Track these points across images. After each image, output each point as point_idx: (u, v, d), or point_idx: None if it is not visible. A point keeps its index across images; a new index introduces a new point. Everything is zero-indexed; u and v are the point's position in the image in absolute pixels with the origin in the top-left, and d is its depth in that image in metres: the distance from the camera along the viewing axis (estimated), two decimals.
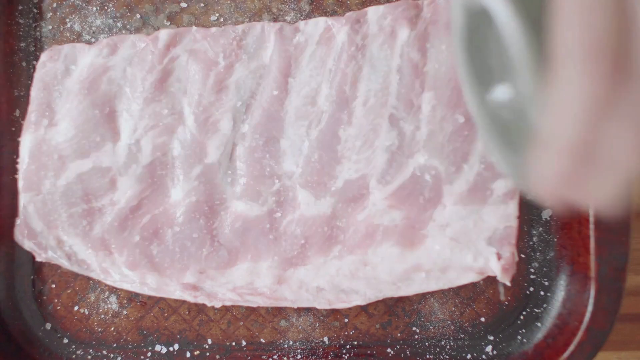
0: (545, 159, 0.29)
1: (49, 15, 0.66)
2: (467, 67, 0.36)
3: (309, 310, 0.64)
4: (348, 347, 0.63)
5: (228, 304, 0.61)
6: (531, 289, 0.62)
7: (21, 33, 0.66)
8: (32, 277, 0.65)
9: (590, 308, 0.55)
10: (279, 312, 0.64)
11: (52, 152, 0.61)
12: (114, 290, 0.65)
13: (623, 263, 0.54)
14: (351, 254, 0.59)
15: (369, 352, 0.63)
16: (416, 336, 0.63)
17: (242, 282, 0.60)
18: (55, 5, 0.66)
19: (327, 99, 0.59)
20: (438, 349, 0.62)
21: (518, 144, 0.33)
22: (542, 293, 0.62)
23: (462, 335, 0.63)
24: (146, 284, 0.61)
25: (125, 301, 0.65)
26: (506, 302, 0.63)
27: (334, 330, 0.63)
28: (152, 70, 0.61)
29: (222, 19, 0.65)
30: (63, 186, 0.61)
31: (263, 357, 0.63)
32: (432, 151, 0.57)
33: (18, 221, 0.62)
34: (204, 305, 0.64)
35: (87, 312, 0.65)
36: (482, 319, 0.63)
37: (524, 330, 0.62)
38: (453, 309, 0.63)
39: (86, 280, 0.65)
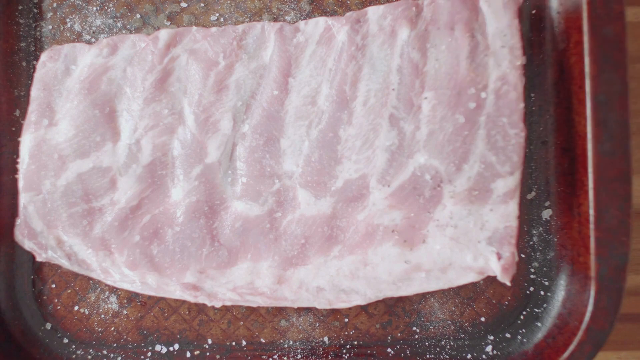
0: None
1: (49, 15, 0.66)
2: None
3: (309, 310, 0.64)
4: (348, 346, 0.63)
5: (228, 304, 0.61)
6: (531, 289, 0.62)
7: (21, 33, 0.66)
8: (32, 277, 0.65)
9: (590, 308, 0.55)
10: (279, 312, 0.64)
11: (52, 152, 0.61)
12: (114, 290, 0.65)
13: (623, 263, 0.54)
14: (351, 254, 0.59)
15: (369, 351, 0.63)
16: (416, 336, 0.63)
17: (242, 282, 0.60)
18: (55, 5, 0.66)
19: (327, 99, 0.59)
20: (438, 349, 0.62)
21: None
22: (542, 293, 0.62)
23: (462, 335, 0.63)
24: (146, 283, 0.61)
25: (125, 301, 0.65)
26: (506, 302, 0.63)
27: (334, 330, 0.63)
28: (152, 70, 0.61)
29: (222, 19, 0.65)
30: (63, 186, 0.61)
31: (263, 356, 0.63)
32: (432, 151, 0.57)
33: (18, 221, 0.62)
34: (204, 305, 0.64)
35: (87, 312, 0.65)
36: (482, 319, 0.63)
37: (524, 330, 0.62)
38: (453, 309, 0.63)
39: (86, 280, 0.65)
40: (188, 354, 0.64)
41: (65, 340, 0.65)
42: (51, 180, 0.61)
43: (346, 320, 0.63)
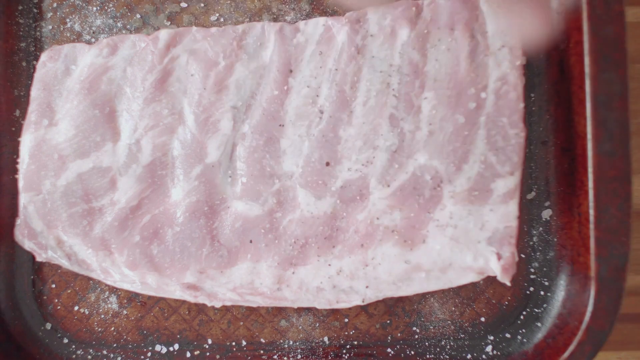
0: None
1: (49, 15, 0.66)
2: None
3: (309, 310, 0.64)
4: (348, 347, 0.63)
5: (228, 304, 0.61)
6: (531, 289, 0.62)
7: (21, 33, 0.66)
8: (32, 277, 0.65)
9: (590, 308, 0.55)
10: (279, 312, 0.64)
11: (52, 152, 0.61)
12: (114, 290, 0.65)
13: (623, 263, 0.54)
14: (351, 254, 0.59)
15: (369, 352, 0.63)
16: (416, 336, 0.63)
17: (242, 282, 0.60)
18: (55, 5, 0.66)
19: (327, 99, 0.59)
20: (438, 349, 0.62)
21: None
22: (542, 293, 0.62)
23: (462, 335, 0.63)
24: (146, 283, 0.61)
25: (125, 301, 0.65)
26: (506, 302, 0.63)
27: (334, 330, 0.63)
28: (152, 70, 0.61)
29: (222, 19, 0.65)
30: (63, 186, 0.61)
31: (263, 357, 0.63)
32: (432, 151, 0.57)
33: (18, 221, 0.62)
34: (204, 305, 0.64)
35: (87, 312, 0.65)
36: (482, 319, 0.63)
37: (524, 330, 0.62)
38: (453, 309, 0.63)
39: (86, 280, 0.65)
40: (188, 354, 0.64)
41: (65, 340, 0.65)
42: (51, 180, 0.61)
43: (346, 320, 0.63)
